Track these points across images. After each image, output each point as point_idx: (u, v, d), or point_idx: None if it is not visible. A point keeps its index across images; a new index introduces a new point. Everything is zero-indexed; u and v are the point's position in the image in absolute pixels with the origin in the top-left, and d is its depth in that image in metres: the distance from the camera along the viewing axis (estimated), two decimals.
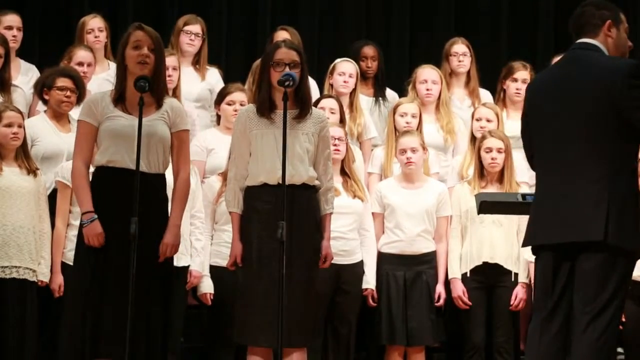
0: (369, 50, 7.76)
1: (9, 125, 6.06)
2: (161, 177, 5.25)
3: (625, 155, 4.24)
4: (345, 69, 7.21)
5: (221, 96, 6.78)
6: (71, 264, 6.07)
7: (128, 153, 5.13)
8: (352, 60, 7.35)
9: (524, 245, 4.46)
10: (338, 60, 7.32)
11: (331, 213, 5.40)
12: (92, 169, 5.26)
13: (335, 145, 6.11)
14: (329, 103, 6.69)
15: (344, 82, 7.17)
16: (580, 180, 4.22)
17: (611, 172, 4.20)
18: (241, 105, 6.60)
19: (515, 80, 7.28)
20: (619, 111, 4.18)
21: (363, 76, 7.55)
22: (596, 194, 4.19)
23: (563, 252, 4.28)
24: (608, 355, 4.21)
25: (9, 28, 7.34)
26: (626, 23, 4.44)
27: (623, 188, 4.22)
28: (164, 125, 5.24)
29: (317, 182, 5.34)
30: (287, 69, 5.26)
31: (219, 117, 6.81)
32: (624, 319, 6.45)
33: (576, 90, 4.27)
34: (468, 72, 7.59)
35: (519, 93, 7.20)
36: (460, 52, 7.56)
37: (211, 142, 6.72)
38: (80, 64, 7.05)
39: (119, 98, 5.22)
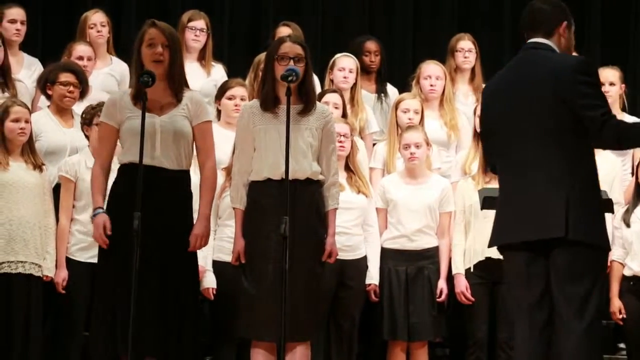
0: (371, 45, 7.73)
1: (17, 120, 6.07)
2: (185, 173, 5.26)
3: (583, 149, 4.25)
4: (345, 64, 7.19)
5: (222, 91, 6.77)
6: (74, 258, 6.12)
7: (149, 151, 5.12)
8: (352, 55, 7.31)
9: (490, 245, 4.45)
10: (338, 55, 7.29)
11: (336, 208, 5.39)
12: (118, 165, 5.29)
13: (340, 142, 6.10)
14: (332, 98, 6.67)
15: (344, 77, 7.13)
16: (541, 179, 4.22)
17: (571, 168, 4.21)
18: (242, 100, 6.59)
19: None
20: (570, 107, 4.19)
21: (366, 71, 7.54)
22: (556, 190, 4.19)
23: (532, 250, 4.27)
24: (597, 346, 4.22)
25: (13, 21, 7.35)
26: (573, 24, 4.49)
27: (584, 182, 4.23)
28: (184, 119, 5.24)
29: (321, 177, 5.35)
30: (291, 63, 5.26)
31: (219, 111, 6.79)
32: (625, 315, 6.46)
33: (530, 89, 4.27)
34: (473, 68, 7.58)
35: None
36: (466, 48, 7.55)
37: None
38: (80, 57, 7.07)
39: (138, 95, 5.18)
